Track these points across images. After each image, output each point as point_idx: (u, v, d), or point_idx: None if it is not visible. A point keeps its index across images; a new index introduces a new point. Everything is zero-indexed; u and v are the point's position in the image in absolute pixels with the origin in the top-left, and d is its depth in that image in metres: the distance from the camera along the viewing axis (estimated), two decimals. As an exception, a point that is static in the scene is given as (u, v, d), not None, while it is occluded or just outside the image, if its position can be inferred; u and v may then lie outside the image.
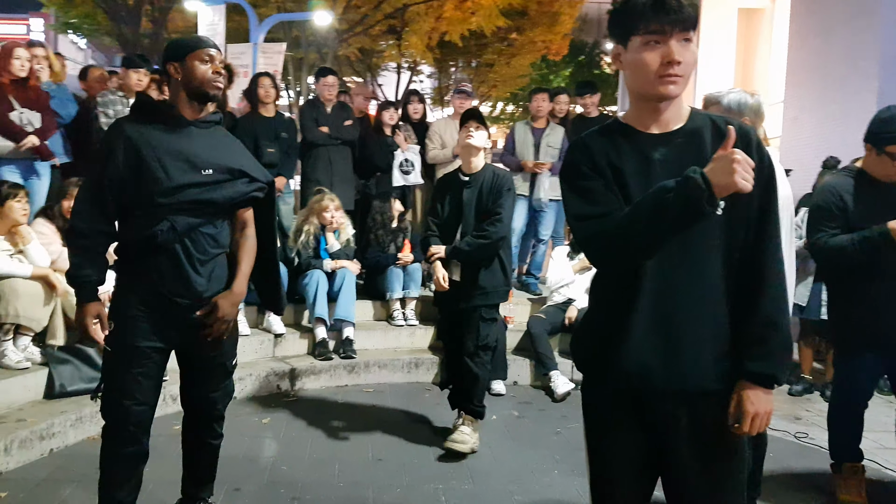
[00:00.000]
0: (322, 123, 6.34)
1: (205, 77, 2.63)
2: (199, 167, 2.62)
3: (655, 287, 1.78)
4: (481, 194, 4.05)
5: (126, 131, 2.58)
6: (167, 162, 2.56)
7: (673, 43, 1.72)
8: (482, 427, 4.27)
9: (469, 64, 20.95)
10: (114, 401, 2.62)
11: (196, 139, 2.66)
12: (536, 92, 6.78)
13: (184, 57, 2.63)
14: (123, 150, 2.55)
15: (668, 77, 1.73)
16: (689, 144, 1.80)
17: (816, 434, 4.66)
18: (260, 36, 10.98)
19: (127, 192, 2.56)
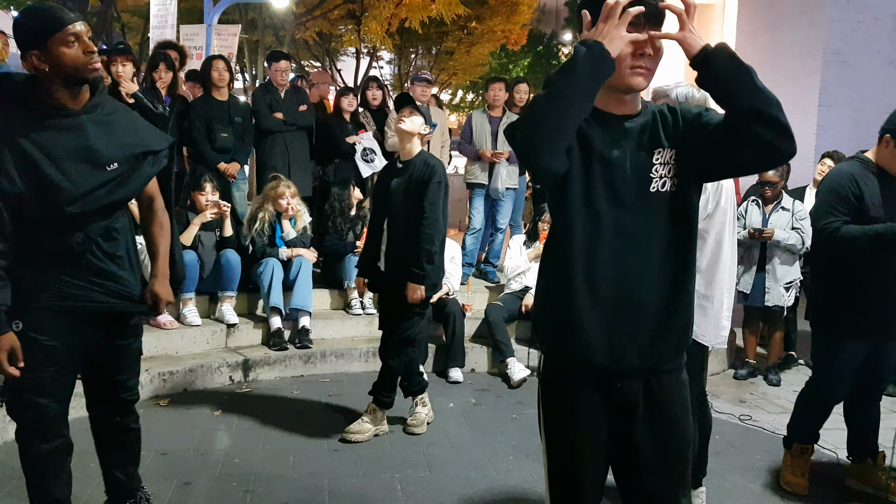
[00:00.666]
0: (276, 109, 6.21)
1: (76, 62, 2.30)
2: (102, 164, 2.38)
3: (608, 264, 1.80)
4: (410, 182, 3.95)
5: (10, 134, 2.25)
6: (68, 166, 2.30)
7: (644, 34, 1.74)
8: (440, 413, 4.30)
9: (429, 51, 20.83)
10: (28, 401, 2.44)
11: (91, 131, 2.38)
12: (493, 81, 6.74)
13: (45, 42, 2.28)
14: (13, 160, 2.24)
15: (639, 69, 1.76)
16: (645, 127, 1.85)
17: (760, 416, 4.81)
18: (214, 17, 10.71)
19: (24, 206, 2.27)
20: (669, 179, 1.82)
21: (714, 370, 5.81)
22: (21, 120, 2.30)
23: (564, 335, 1.85)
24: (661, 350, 1.85)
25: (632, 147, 1.82)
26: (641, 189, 1.81)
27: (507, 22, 18.86)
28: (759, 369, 5.80)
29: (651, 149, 1.83)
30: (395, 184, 4.01)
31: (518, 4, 18.76)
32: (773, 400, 5.26)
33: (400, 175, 4.02)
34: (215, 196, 5.37)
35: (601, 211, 1.80)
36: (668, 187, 1.82)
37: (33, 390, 2.43)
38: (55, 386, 2.47)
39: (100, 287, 2.48)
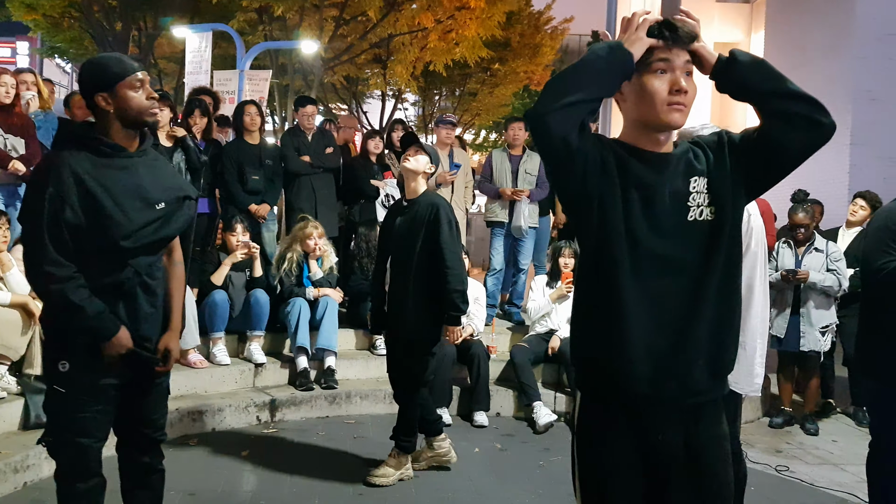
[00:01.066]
0: (303, 152, 6.35)
1: (141, 106, 2.48)
2: (152, 203, 2.52)
3: (648, 292, 1.80)
4: (413, 222, 3.94)
5: (75, 171, 2.39)
6: (123, 202, 2.44)
7: (678, 72, 1.78)
8: (465, 458, 4.28)
9: (453, 93, 21.12)
10: (70, 441, 2.51)
11: (142, 172, 2.53)
12: (513, 121, 6.81)
13: (113, 86, 2.45)
14: (77, 193, 2.37)
15: (676, 105, 1.78)
16: (680, 160, 1.87)
17: (797, 467, 4.68)
18: (246, 63, 11.01)
19: (82, 238, 2.39)
20: (706, 208, 1.83)
21: (748, 418, 5.68)
22: (83, 158, 2.44)
23: (606, 362, 1.83)
24: (701, 377, 1.83)
25: (669, 176, 1.83)
26: (680, 217, 1.82)
27: (530, 63, 19.11)
28: (796, 417, 5.60)
29: (687, 177, 1.84)
30: (399, 223, 4.02)
31: (540, 46, 19.03)
32: (811, 450, 5.11)
33: (404, 214, 4.03)
34: (245, 237, 5.48)
35: (641, 239, 1.79)
36: (705, 215, 1.83)
37: (76, 430, 2.49)
38: (96, 426, 2.53)
39: (139, 327, 2.56)
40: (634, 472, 1.85)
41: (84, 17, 13.94)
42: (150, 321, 2.61)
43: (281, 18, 14.17)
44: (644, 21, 1.76)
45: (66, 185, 2.36)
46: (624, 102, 1.87)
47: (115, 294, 2.50)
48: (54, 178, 2.37)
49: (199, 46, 10.84)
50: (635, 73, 1.79)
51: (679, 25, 1.78)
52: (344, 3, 13.87)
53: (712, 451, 1.87)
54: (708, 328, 1.82)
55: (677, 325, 1.80)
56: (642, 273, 1.79)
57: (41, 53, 21.70)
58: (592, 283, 1.88)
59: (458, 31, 13.91)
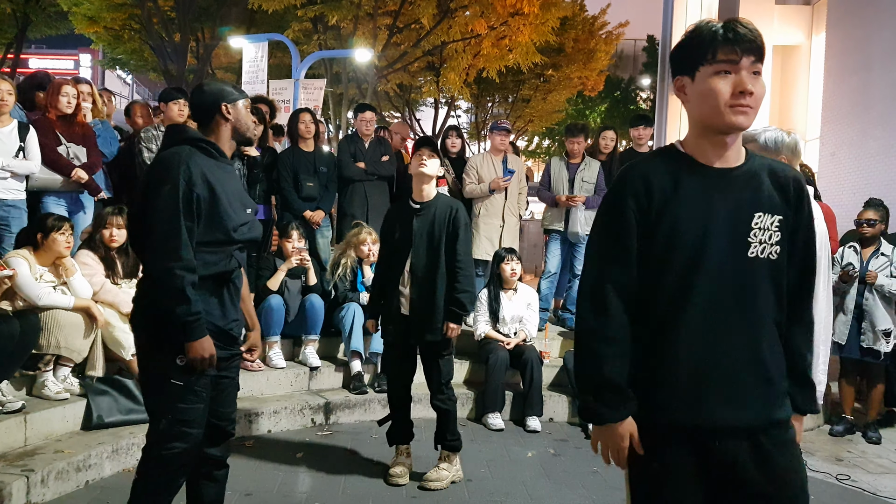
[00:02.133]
0: (359, 159, 6.40)
1: (250, 124, 2.88)
2: (245, 206, 2.82)
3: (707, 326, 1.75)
4: (433, 224, 3.95)
5: (200, 167, 2.65)
6: (232, 200, 2.73)
7: (744, 73, 1.71)
8: (518, 463, 4.22)
9: (506, 99, 21.12)
10: (184, 434, 2.66)
11: (236, 179, 2.87)
12: (573, 134, 6.66)
13: (236, 101, 2.82)
14: (201, 186, 2.62)
15: (740, 107, 1.71)
16: (747, 184, 1.79)
17: (859, 476, 4.55)
18: (301, 72, 11.19)
19: (202, 229, 2.65)
20: (770, 246, 1.75)
21: (809, 426, 5.54)
22: (201, 157, 2.71)
23: (649, 394, 1.79)
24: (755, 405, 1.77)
25: (730, 205, 1.75)
26: (738, 252, 1.75)
27: (584, 69, 18.98)
28: (858, 425, 5.48)
29: (752, 210, 1.76)
30: (417, 225, 3.97)
31: (595, 51, 18.89)
32: (874, 459, 4.97)
33: (419, 215, 4.00)
34: (301, 243, 5.55)
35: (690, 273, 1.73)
36: (767, 254, 1.75)
37: (190, 422, 2.67)
38: (203, 417, 2.74)
39: (234, 316, 2.82)
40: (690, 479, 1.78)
41: (144, 30, 14.40)
42: (239, 313, 2.88)
43: (335, 27, 14.40)
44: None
45: (195, 178, 2.61)
46: (688, 103, 1.80)
47: (223, 283, 2.75)
48: (185, 172, 2.61)
49: (256, 56, 11.07)
50: (699, 72, 1.73)
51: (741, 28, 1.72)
52: (398, 12, 14.01)
53: (784, 459, 1.79)
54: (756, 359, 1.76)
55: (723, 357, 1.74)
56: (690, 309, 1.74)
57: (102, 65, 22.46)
58: (640, 306, 1.82)
59: (512, 37, 13.92)
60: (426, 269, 3.96)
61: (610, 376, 1.77)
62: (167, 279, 2.55)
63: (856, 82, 11.21)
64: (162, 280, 2.57)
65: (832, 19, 12.58)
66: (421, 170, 3.99)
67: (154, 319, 2.63)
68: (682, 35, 1.80)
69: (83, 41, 20.23)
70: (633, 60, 29.85)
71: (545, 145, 27.07)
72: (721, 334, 1.74)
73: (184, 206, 2.57)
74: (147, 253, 2.66)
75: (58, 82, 5.23)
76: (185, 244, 2.55)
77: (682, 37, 1.80)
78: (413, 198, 4.06)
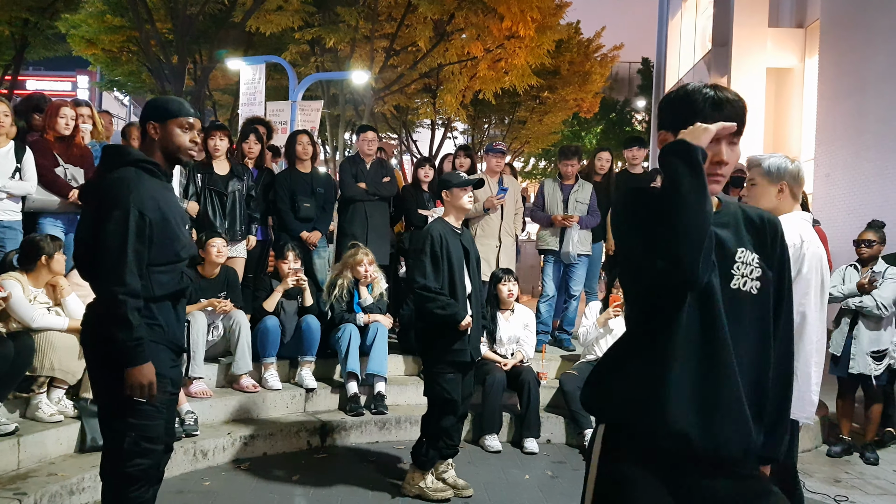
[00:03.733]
0: (360, 179, 6.42)
1: (182, 144, 2.76)
2: (184, 222, 2.83)
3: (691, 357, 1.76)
4: (473, 254, 4.27)
5: (149, 191, 2.63)
6: (177, 219, 2.73)
7: (723, 143, 1.80)
8: (516, 486, 4.21)
9: (502, 121, 21.23)
10: (147, 449, 2.66)
11: (175, 196, 2.88)
12: (567, 157, 6.68)
13: (165, 120, 2.74)
14: (151, 210, 2.61)
15: (714, 176, 1.81)
16: (727, 225, 1.87)
17: (857, 497, 4.53)
18: (299, 94, 11.24)
19: (153, 251, 2.63)
20: (751, 281, 1.82)
21: (806, 447, 5.52)
22: (147, 179, 2.68)
23: (643, 413, 1.78)
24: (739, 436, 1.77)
25: (714, 242, 1.79)
26: (722, 282, 1.80)
27: (580, 91, 19.12)
28: (855, 446, 5.46)
29: (735, 246, 1.84)
30: (467, 253, 4.17)
31: (590, 74, 19.03)
32: (871, 480, 4.95)
33: (462, 243, 4.20)
34: (297, 264, 5.54)
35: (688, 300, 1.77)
36: (748, 287, 1.82)
37: (153, 439, 2.68)
38: (164, 434, 2.76)
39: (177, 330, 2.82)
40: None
41: (142, 52, 14.46)
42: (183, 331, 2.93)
43: (332, 50, 14.48)
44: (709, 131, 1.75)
45: (145, 202, 2.60)
46: None
47: (177, 301, 2.77)
48: (136, 198, 2.59)
49: (253, 78, 11.12)
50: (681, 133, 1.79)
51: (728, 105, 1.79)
52: (394, 34, 14.11)
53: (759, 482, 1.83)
54: (751, 389, 1.80)
55: (732, 385, 1.76)
56: (685, 333, 1.76)
57: (100, 87, 22.53)
58: (637, 333, 1.86)
59: (508, 59, 14.01)
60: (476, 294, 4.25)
61: None
62: (111, 304, 2.55)
63: (849, 105, 11.30)
64: (107, 305, 2.58)
65: (825, 43, 12.71)
66: (466, 206, 4.22)
67: (108, 340, 2.60)
68: (673, 90, 1.87)
69: (81, 63, 20.33)
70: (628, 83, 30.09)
71: (541, 166, 27.19)
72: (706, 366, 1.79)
73: (136, 232, 2.56)
74: (95, 278, 2.65)
75: (56, 104, 5.24)
76: (130, 271, 2.54)
77: (674, 93, 1.87)
78: (452, 224, 4.24)
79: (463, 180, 4.20)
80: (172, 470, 4.32)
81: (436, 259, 4.07)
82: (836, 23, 12.41)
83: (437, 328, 4.08)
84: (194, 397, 4.89)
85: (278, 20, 13.37)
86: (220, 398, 5.05)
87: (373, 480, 4.48)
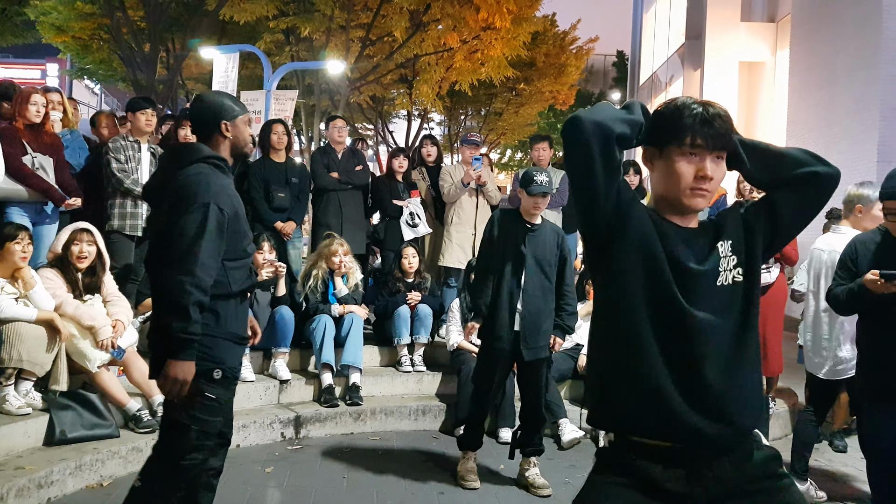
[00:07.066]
0: (333, 169, 6.38)
1: (249, 139, 2.91)
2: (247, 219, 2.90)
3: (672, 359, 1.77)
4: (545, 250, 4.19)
5: (224, 187, 2.69)
6: (245, 215, 2.83)
7: (709, 160, 1.79)
8: (490, 477, 4.18)
9: (478, 112, 21.24)
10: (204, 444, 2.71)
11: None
12: (537, 141, 6.79)
13: (234, 118, 2.83)
14: (227, 205, 2.66)
15: (699, 190, 1.80)
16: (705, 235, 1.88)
17: (825, 484, 4.60)
18: (273, 83, 11.14)
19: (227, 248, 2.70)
20: (731, 271, 1.83)
21: (776, 435, 5.60)
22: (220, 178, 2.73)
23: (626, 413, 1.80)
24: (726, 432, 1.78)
25: (698, 244, 1.84)
26: (709, 283, 1.80)
27: (555, 83, 19.17)
28: (824, 434, 5.53)
29: (715, 243, 1.84)
30: (530, 247, 4.15)
31: (566, 66, 19.09)
32: (840, 467, 5.04)
33: (531, 238, 4.16)
34: (272, 255, 5.49)
35: (670, 303, 1.77)
36: (731, 278, 1.82)
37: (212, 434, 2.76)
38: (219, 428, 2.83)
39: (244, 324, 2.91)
40: None
41: (113, 39, 14.22)
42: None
43: (307, 39, 14.36)
44: None
45: (223, 198, 2.66)
46: (653, 172, 1.88)
47: (246, 297, 2.86)
48: (215, 192, 2.64)
49: (227, 67, 11.01)
50: (668, 148, 1.80)
51: (717, 122, 1.78)
52: (370, 24, 14.02)
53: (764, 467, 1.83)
54: (737, 385, 1.79)
55: (703, 382, 1.76)
56: (675, 337, 1.77)
57: (70, 75, 22.16)
58: (614, 337, 1.85)
59: (484, 51, 13.99)
60: (535, 292, 4.17)
61: None
62: (176, 292, 2.52)
63: (820, 97, 11.45)
64: (171, 292, 2.54)
65: (796, 36, 12.86)
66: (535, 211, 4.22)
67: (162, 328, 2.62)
68: (662, 105, 1.85)
69: (51, 51, 19.93)
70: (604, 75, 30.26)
71: (518, 158, 27.25)
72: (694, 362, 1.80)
73: (216, 227, 2.60)
74: (162, 267, 2.61)
75: (27, 91, 5.13)
76: (201, 265, 2.55)
77: (663, 107, 1.84)
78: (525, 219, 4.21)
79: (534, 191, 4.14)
80: (142, 462, 4.28)
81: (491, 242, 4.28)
82: (806, 17, 12.55)
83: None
84: (166, 389, 4.82)
85: (252, 9, 13.23)
86: (193, 390, 5.00)
87: (347, 472, 4.47)
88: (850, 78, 10.62)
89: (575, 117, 1.74)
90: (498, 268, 4.17)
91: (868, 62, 10.29)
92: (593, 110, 1.76)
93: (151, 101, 5.88)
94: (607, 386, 1.86)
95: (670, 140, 1.79)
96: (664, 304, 1.77)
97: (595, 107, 1.80)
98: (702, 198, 1.80)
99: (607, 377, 1.86)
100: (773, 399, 5.66)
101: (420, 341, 5.88)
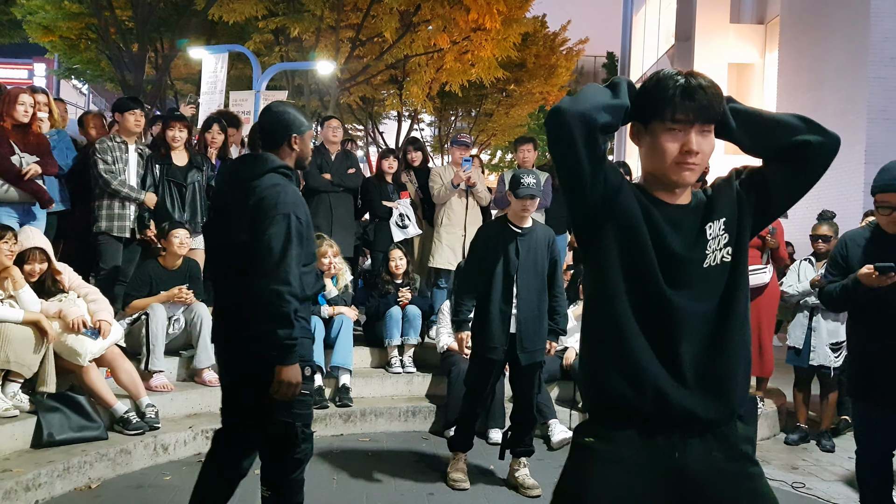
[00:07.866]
0: (325, 170, 6.37)
1: (310, 154, 3.08)
2: None
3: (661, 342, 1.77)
4: (537, 253, 4.18)
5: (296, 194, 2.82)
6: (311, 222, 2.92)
7: (694, 133, 1.75)
8: (480, 477, 4.20)
9: (468, 113, 21.23)
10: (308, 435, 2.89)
11: None
12: (521, 142, 6.78)
13: (304, 133, 2.96)
14: (302, 213, 2.78)
15: (686, 164, 1.77)
16: (695, 215, 1.85)
17: (814, 484, 4.64)
18: (263, 84, 11.11)
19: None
20: (720, 251, 1.81)
21: (764, 435, 5.64)
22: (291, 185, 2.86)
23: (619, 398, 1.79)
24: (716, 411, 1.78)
25: (685, 227, 1.82)
26: (694, 266, 1.80)
27: (546, 84, 19.20)
28: (812, 434, 5.60)
29: (703, 225, 1.82)
30: (522, 251, 4.13)
31: (556, 67, 19.13)
32: (828, 467, 5.07)
33: (523, 241, 4.15)
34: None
35: (653, 288, 1.77)
36: (719, 259, 1.80)
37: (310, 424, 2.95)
38: None
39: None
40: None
41: (101, 39, 14.11)
42: None
43: (297, 39, 14.32)
44: None
45: (299, 206, 2.78)
46: (640, 149, 1.87)
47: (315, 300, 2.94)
48: (292, 201, 2.76)
49: (216, 67, 10.97)
50: (652, 124, 1.78)
51: (700, 94, 1.74)
52: (360, 25, 14.00)
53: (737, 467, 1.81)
54: (726, 365, 1.80)
55: (693, 366, 1.77)
56: (655, 319, 1.77)
57: (58, 75, 21.97)
58: (600, 320, 1.85)
59: (474, 52, 14.00)
60: (530, 296, 4.16)
61: None
62: (276, 301, 2.64)
63: (808, 99, 11.52)
64: (271, 302, 2.65)
65: (785, 38, 12.94)
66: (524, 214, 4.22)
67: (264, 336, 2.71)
68: (646, 79, 1.82)
69: (38, 50, 19.80)
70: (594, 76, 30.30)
71: (508, 159, 27.26)
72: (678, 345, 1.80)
73: (297, 235, 2.71)
74: (255, 277, 2.69)
75: (15, 91, 5.10)
76: (293, 273, 2.67)
77: (646, 82, 1.82)
78: (513, 222, 4.21)
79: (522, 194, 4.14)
80: (133, 464, 4.27)
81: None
82: (795, 19, 12.63)
83: None
84: (155, 391, 4.82)
85: (241, 9, 13.17)
86: (182, 392, 4.98)
87: (337, 473, 4.46)
88: (839, 80, 10.70)
89: (557, 109, 1.71)
90: (488, 278, 4.15)
91: (856, 64, 10.38)
92: (577, 98, 1.73)
93: (140, 102, 5.87)
94: (594, 363, 1.87)
95: (653, 115, 1.77)
96: (647, 288, 1.77)
97: (579, 93, 1.75)
98: (690, 171, 1.77)
99: (594, 356, 1.88)
100: (761, 399, 5.70)
101: (410, 342, 5.88)
